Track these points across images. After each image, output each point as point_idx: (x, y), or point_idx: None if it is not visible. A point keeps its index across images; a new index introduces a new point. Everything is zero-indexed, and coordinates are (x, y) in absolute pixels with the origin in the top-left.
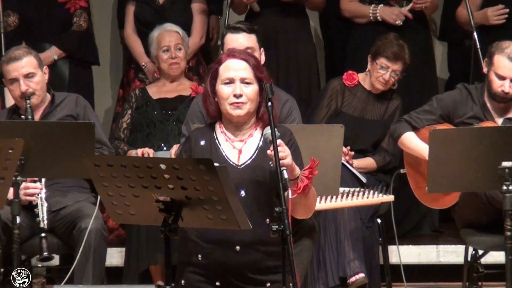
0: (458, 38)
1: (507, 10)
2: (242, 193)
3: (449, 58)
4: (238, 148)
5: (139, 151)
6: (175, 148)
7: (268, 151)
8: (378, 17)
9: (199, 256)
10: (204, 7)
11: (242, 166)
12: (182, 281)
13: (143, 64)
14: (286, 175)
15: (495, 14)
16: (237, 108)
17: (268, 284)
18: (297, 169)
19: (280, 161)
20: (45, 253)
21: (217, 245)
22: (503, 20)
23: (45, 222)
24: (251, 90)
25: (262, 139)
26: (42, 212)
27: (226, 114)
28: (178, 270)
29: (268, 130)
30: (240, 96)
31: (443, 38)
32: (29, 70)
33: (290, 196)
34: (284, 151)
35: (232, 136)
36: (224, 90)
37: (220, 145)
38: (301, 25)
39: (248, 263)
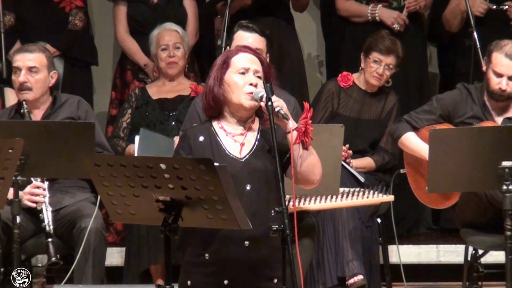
0: (446, 39)
1: (494, 7)
2: (248, 187)
3: (439, 58)
4: (240, 142)
5: None
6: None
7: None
8: (377, 17)
9: (206, 255)
10: (196, 4)
11: (244, 158)
12: (189, 282)
13: (145, 64)
14: (283, 112)
15: (481, 7)
16: (252, 99)
17: (276, 280)
18: (291, 122)
19: (275, 103)
20: (53, 258)
21: (225, 241)
22: (481, 15)
23: (51, 227)
24: (261, 84)
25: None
26: (48, 217)
27: (236, 104)
28: (183, 270)
29: (257, 90)
30: (256, 85)
31: (432, 39)
32: (34, 64)
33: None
34: (278, 100)
35: (232, 131)
36: (239, 79)
37: (221, 140)
38: (288, 27)
39: (257, 258)
